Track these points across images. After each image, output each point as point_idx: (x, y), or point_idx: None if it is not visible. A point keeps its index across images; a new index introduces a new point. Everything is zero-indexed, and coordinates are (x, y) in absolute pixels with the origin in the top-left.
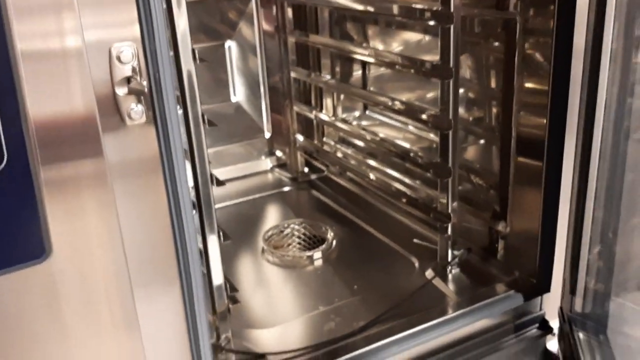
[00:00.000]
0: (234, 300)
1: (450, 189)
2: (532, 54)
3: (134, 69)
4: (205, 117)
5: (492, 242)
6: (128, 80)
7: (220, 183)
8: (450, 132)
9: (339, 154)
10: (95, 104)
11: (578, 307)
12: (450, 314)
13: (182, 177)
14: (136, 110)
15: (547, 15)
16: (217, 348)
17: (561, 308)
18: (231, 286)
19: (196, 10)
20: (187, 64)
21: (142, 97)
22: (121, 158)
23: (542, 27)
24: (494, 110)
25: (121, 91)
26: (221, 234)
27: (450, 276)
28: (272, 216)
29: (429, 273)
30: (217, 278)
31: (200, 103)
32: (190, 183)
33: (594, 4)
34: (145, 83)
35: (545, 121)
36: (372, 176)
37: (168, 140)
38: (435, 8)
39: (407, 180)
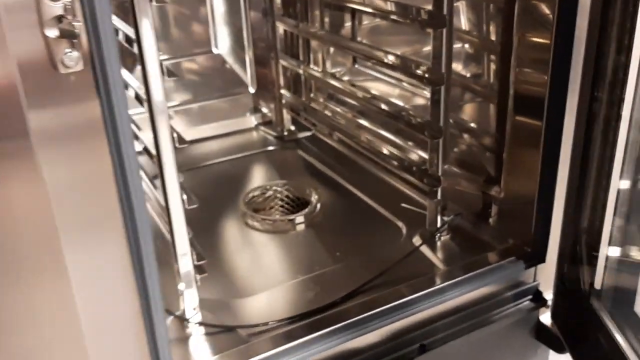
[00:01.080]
0: (200, 270)
1: (441, 150)
2: (534, 4)
3: (66, 7)
4: (165, 67)
5: (485, 207)
6: (59, 19)
7: (183, 142)
8: (443, 88)
9: (328, 112)
10: (19, 47)
11: (590, 278)
12: (438, 285)
13: (126, 137)
14: (71, 56)
15: None
16: (182, 320)
17: (560, 279)
18: (198, 255)
19: None
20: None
21: (76, 41)
22: (54, 113)
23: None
24: (492, 65)
25: (51, 33)
26: (185, 198)
27: (439, 243)
28: (255, 177)
29: (417, 240)
30: (182, 246)
31: (178, 54)
32: (151, 141)
33: None
34: (78, 24)
35: (546, 78)
36: (361, 136)
37: (109, 93)
38: None
39: (397, 140)
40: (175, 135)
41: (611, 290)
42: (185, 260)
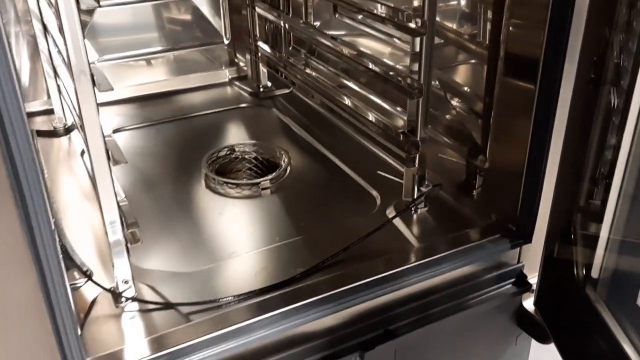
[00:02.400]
0: (133, 238)
1: (421, 111)
2: None
3: None
4: None
5: (468, 178)
6: None
7: (105, 87)
8: (424, 38)
9: (308, 70)
10: None
11: (585, 263)
12: (409, 263)
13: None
14: None
15: None
16: (114, 294)
17: (548, 261)
18: (128, 221)
19: None
20: None
21: None
22: None
23: None
24: (482, 20)
25: None
26: (111, 157)
27: (415, 216)
28: (224, 136)
29: (391, 211)
30: (110, 211)
31: None
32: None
33: None
34: None
35: (542, 37)
36: (341, 96)
37: None
38: None
39: (379, 101)
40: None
41: (611, 278)
42: (114, 227)
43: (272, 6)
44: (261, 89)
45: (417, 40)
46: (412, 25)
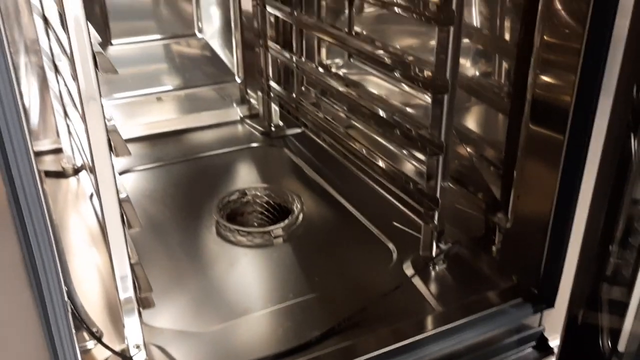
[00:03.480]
0: (145, 303)
1: (441, 169)
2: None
3: None
4: (95, 51)
5: (487, 233)
6: None
7: (123, 152)
8: (446, 97)
9: (319, 113)
10: None
11: (611, 333)
12: (430, 331)
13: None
14: None
15: None
16: (124, 358)
17: (571, 327)
18: (141, 285)
19: None
20: None
21: None
22: None
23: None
24: (505, 65)
25: None
26: (126, 220)
27: (433, 274)
28: (235, 178)
29: (408, 266)
30: (121, 268)
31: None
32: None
33: None
34: None
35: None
36: (352, 140)
37: None
38: None
39: (392, 148)
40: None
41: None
42: (125, 283)
43: (285, 47)
44: (273, 128)
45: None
46: (434, 82)
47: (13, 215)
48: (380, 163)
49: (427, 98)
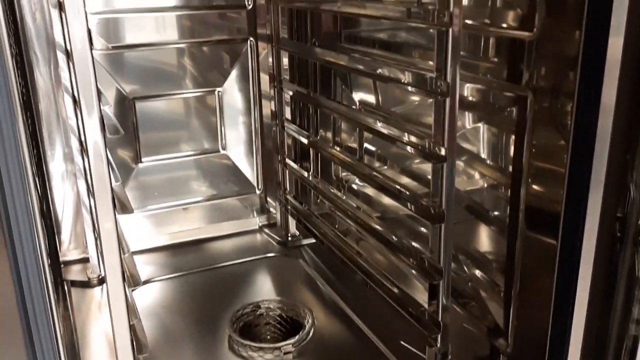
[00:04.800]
0: None
1: (442, 293)
2: (546, 135)
3: None
4: (106, 121)
5: (492, 356)
6: None
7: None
8: (443, 226)
9: (328, 229)
10: None
11: None
12: None
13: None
14: None
15: (566, 96)
16: None
17: None
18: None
19: (186, 54)
20: None
21: None
22: None
23: (560, 110)
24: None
25: None
26: (128, 277)
27: None
28: (251, 289)
29: None
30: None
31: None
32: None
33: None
34: None
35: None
36: (362, 257)
37: None
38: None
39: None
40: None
41: None
42: None
43: (302, 167)
44: (289, 238)
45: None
46: (431, 211)
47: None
48: (386, 283)
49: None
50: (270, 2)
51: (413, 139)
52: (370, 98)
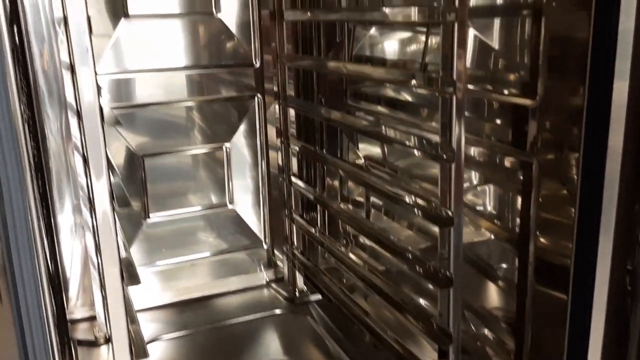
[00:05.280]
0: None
1: (452, 358)
2: (553, 188)
3: None
4: (116, 192)
5: None
6: None
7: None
8: (451, 290)
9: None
10: None
11: None
12: None
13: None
14: None
15: (572, 150)
16: None
17: None
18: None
19: (195, 111)
20: None
21: None
22: None
23: (565, 164)
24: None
25: None
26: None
27: None
28: (257, 348)
29: None
30: None
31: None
32: None
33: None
34: None
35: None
36: (370, 314)
37: None
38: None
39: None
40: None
41: None
42: None
43: (309, 219)
44: (297, 294)
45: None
46: (439, 276)
47: None
48: (395, 345)
49: None
50: (277, 61)
51: (420, 200)
52: (376, 151)
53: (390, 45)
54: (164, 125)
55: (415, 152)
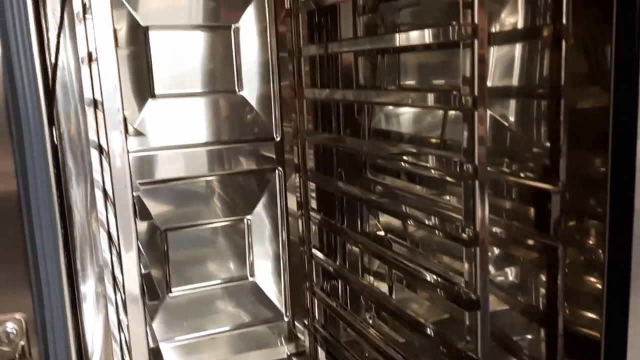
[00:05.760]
0: None
1: None
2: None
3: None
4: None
5: None
6: None
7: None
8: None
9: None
10: None
11: None
12: None
13: None
14: None
15: (596, 245)
16: None
17: None
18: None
19: (217, 185)
20: None
21: None
22: None
23: (593, 258)
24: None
25: None
26: None
27: None
28: None
29: None
30: None
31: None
32: None
33: None
34: None
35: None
36: None
37: None
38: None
39: None
40: None
41: None
42: None
43: (331, 294)
44: None
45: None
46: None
47: None
48: None
49: None
50: (297, 137)
51: (444, 279)
52: (397, 223)
53: (409, 120)
54: (186, 199)
55: (437, 232)
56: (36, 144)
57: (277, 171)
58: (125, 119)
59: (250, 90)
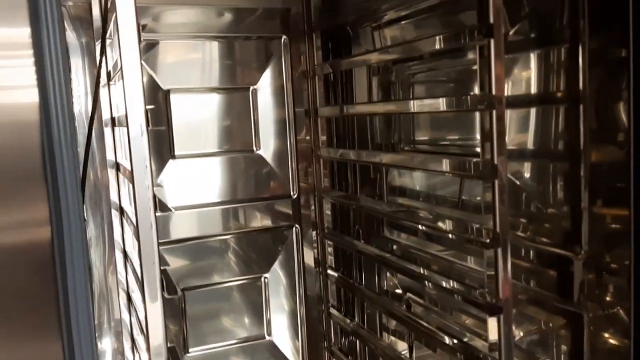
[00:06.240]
0: None
1: None
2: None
3: None
4: None
5: None
6: None
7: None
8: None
9: None
10: None
11: None
12: None
13: None
14: None
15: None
16: None
17: None
18: None
19: (234, 243)
20: None
21: None
22: None
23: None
24: None
25: None
26: None
27: None
28: None
29: None
30: None
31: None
32: None
33: None
34: None
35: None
36: None
37: None
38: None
39: None
40: None
41: None
42: None
43: (349, 354)
44: None
45: None
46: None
47: None
48: None
49: None
50: (313, 195)
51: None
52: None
53: (425, 178)
54: (203, 258)
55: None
56: (70, 192)
57: (294, 229)
58: (155, 196)
59: (267, 148)
